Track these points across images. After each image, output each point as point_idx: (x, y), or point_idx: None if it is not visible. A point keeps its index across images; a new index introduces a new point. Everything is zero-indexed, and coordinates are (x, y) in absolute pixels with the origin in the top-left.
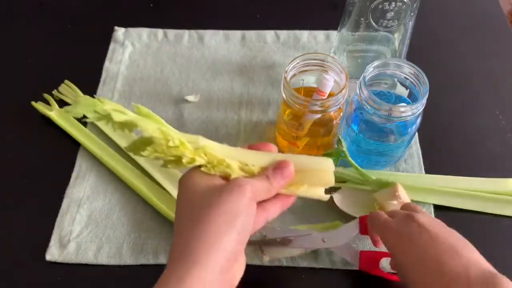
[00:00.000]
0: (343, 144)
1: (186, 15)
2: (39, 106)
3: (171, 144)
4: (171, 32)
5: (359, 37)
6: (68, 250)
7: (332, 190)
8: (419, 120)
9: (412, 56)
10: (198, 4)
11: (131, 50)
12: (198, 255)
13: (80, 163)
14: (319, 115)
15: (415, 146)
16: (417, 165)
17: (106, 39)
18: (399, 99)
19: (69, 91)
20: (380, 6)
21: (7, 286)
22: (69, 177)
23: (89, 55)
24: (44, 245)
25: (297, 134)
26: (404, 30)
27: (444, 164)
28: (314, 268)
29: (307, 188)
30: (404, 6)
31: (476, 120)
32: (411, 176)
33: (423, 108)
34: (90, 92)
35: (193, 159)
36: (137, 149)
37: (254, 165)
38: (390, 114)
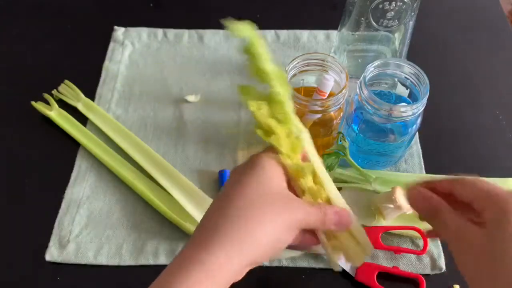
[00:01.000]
0: (346, 140)
1: (186, 15)
2: (39, 106)
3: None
4: (171, 32)
5: (359, 37)
6: (68, 250)
7: None
8: (419, 120)
9: (413, 56)
10: (198, 4)
11: (131, 50)
12: (231, 250)
13: (80, 163)
14: (319, 115)
15: (415, 146)
16: (417, 165)
17: (106, 39)
18: (399, 99)
19: (69, 91)
20: (380, 6)
21: (7, 286)
22: (69, 177)
23: (89, 55)
24: (44, 245)
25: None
26: (404, 30)
27: (444, 164)
28: (314, 268)
29: (333, 250)
30: (404, 6)
31: (476, 120)
32: (411, 176)
33: (423, 108)
34: (90, 92)
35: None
36: (247, 94)
37: (327, 191)
38: (390, 114)
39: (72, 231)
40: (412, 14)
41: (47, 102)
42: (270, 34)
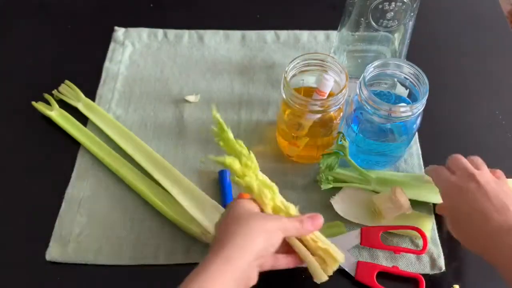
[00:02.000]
0: (346, 140)
1: (186, 15)
2: (40, 106)
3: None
4: (171, 32)
5: (359, 37)
6: (68, 250)
7: (331, 195)
8: (418, 120)
9: (412, 56)
10: (198, 4)
11: (131, 50)
12: (238, 246)
13: (80, 163)
14: (319, 115)
15: (415, 146)
16: (417, 165)
17: (106, 39)
18: (399, 99)
19: (69, 91)
20: (380, 6)
21: (7, 286)
22: (69, 177)
23: (89, 55)
24: (44, 245)
25: (297, 134)
26: (404, 30)
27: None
28: None
29: (315, 259)
30: (404, 6)
31: (476, 120)
32: (411, 176)
33: (422, 108)
34: (90, 92)
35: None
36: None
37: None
38: (390, 114)
39: (72, 231)
40: (412, 14)
41: (47, 102)
42: (270, 34)
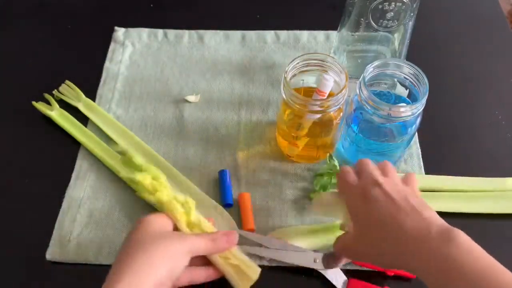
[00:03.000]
0: (335, 160)
1: (186, 15)
2: (40, 106)
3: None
4: (171, 32)
5: (359, 37)
6: (68, 250)
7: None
8: (419, 120)
9: (412, 56)
10: (198, 4)
11: (131, 50)
12: (137, 275)
13: (80, 163)
14: (319, 115)
15: (415, 146)
16: (417, 165)
17: (106, 39)
18: (399, 99)
19: (69, 91)
20: (380, 6)
21: (7, 286)
22: (69, 177)
23: (89, 55)
24: (44, 245)
25: (297, 134)
26: (404, 30)
27: (444, 164)
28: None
29: (234, 271)
30: (403, 6)
31: (476, 120)
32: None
33: (422, 108)
34: (91, 92)
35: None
36: (126, 164)
37: (202, 224)
38: (390, 114)
39: (72, 231)
40: (412, 14)
41: (48, 102)
42: (270, 34)
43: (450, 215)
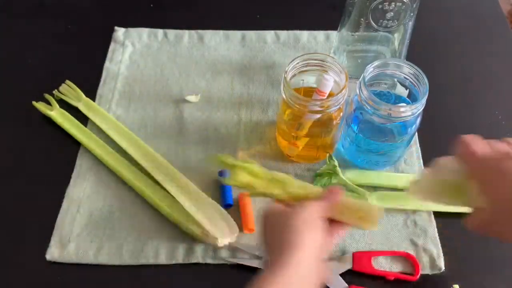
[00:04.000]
0: (334, 160)
1: (186, 15)
2: (40, 106)
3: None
4: (171, 32)
5: (359, 37)
6: (68, 250)
7: None
8: (418, 120)
9: (412, 56)
10: (198, 4)
11: (131, 50)
12: (295, 248)
13: (80, 163)
14: (319, 115)
15: (415, 146)
16: (416, 165)
17: (106, 39)
18: (399, 99)
19: (70, 91)
20: (380, 6)
21: (7, 286)
22: (69, 177)
23: (89, 55)
24: (44, 245)
25: (297, 134)
26: (403, 30)
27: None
28: None
29: (358, 217)
30: (403, 6)
31: (476, 120)
32: (411, 177)
33: (422, 108)
34: (91, 92)
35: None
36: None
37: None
38: (390, 114)
39: (72, 231)
40: (412, 14)
41: (48, 102)
42: (270, 34)
43: (450, 215)
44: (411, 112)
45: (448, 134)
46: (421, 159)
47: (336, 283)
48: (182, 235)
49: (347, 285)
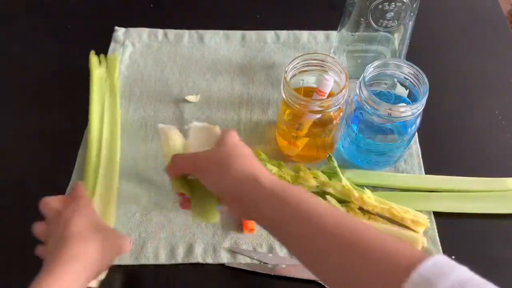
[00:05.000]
0: (334, 160)
1: (186, 15)
2: (93, 58)
3: None
4: (171, 32)
5: (359, 37)
6: None
7: None
8: (419, 120)
9: (412, 56)
10: (198, 4)
11: (131, 50)
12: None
13: (80, 163)
14: (319, 115)
15: (415, 146)
16: (417, 165)
17: (106, 39)
18: (399, 99)
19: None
20: (380, 6)
21: (7, 286)
22: (69, 177)
23: (89, 55)
24: None
25: (297, 134)
26: (404, 30)
27: (444, 164)
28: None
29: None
30: (403, 6)
31: (476, 120)
32: (411, 177)
33: (422, 108)
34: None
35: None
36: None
37: None
38: (390, 114)
39: None
40: (412, 14)
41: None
42: (270, 34)
43: (450, 215)
44: (411, 112)
45: (448, 134)
46: (421, 159)
47: None
48: (182, 235)
49: None
